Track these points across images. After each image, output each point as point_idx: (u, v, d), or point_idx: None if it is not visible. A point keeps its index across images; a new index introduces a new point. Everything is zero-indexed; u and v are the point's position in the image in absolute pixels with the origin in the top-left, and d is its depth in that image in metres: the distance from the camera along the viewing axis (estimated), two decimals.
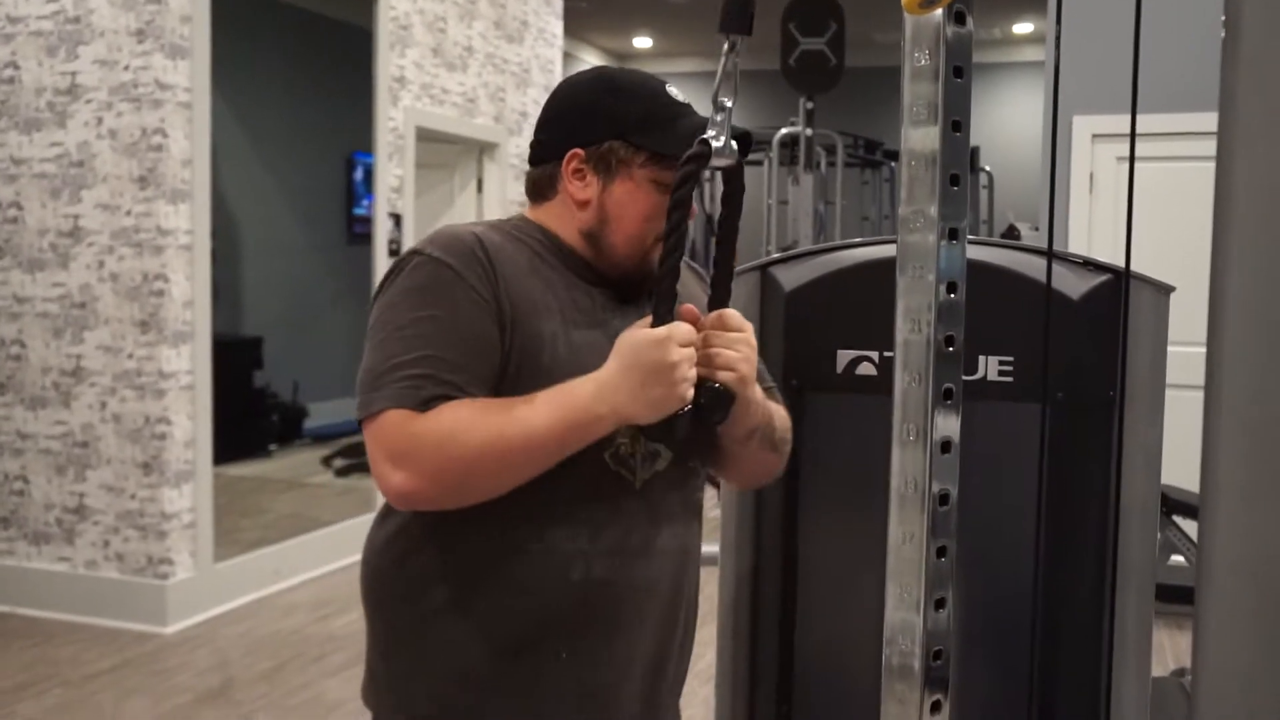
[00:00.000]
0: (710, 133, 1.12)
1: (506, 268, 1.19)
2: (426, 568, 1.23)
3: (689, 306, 1.18)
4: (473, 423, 1.11)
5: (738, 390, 1.17)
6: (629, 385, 1.10)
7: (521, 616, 1.20)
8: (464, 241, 1.19)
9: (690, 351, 1.12)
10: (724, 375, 1.16)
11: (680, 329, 1.12)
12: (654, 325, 1.12)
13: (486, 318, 1.16)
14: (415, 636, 1.24)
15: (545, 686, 1.21)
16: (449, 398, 1.13)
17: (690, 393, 1.13)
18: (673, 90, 1.25)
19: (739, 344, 1.17)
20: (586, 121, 1.23)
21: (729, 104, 1.12)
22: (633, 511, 1.22)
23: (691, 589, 1.33)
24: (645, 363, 1.10)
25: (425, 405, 1.12)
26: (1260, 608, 0.69)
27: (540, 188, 1.29)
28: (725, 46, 1.11)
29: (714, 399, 1.16)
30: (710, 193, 6.71)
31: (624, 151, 1.21)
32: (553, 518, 1.18)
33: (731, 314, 1.19)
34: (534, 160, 1.30)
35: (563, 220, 1.26)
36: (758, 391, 1.24)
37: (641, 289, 1.25)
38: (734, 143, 1.14)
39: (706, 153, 1.11)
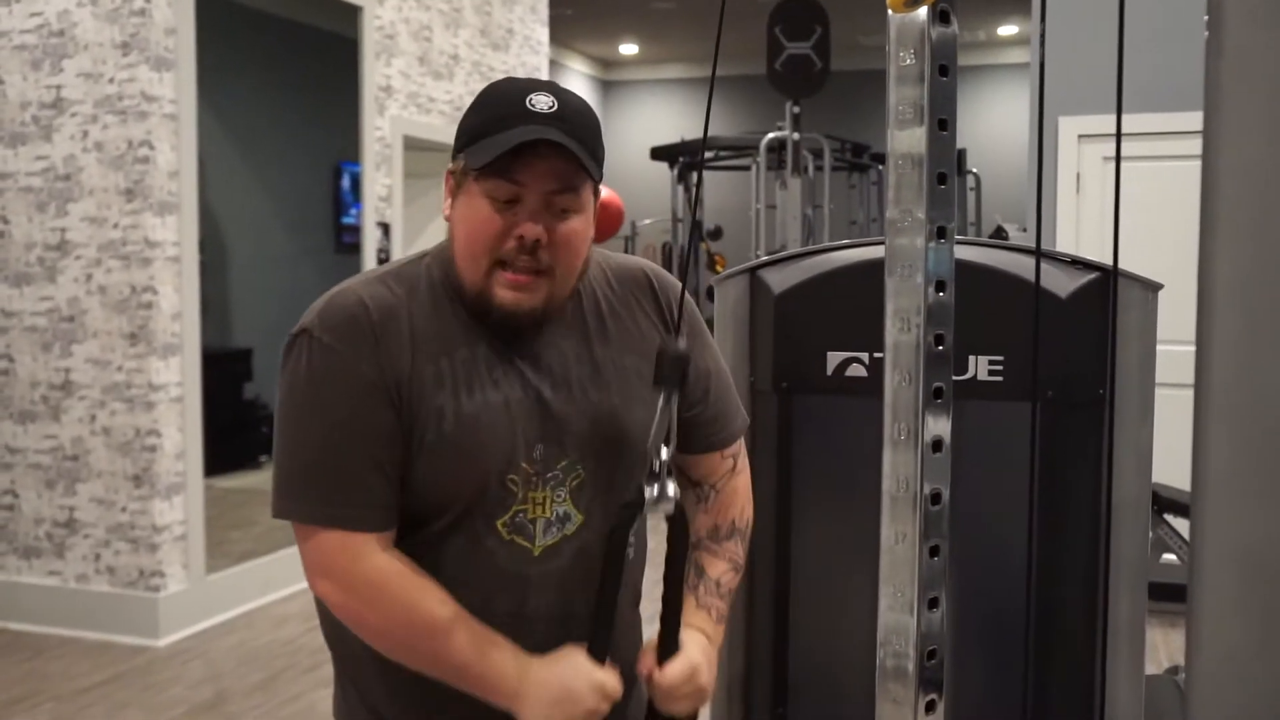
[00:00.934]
0: (647, 487, 1.11)
1: (394, 340, 1.15)
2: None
3: (646, 667, 1.21)
4: (408, 612, 1.15)
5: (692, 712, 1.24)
6: (541, 695, 1.14)
7: (415, 675, 1.20)
8: (352, 316, 1.15)
9: (606, 707, 1.16)
10: (679, 713, 1.22)
11: (610, 683, 1.16)
12: (590, 654, 1.17)
13: (382, 404, 1.14)
14: (342, 667, 1.30)
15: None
16: (373, 519, 1.15)
17: None
18: (537, 99, 1.13)
19: (693, 695, 1.22)
20: (456, 136, 1.19)
21: (665, 456, 1.11)
22: (531, 576, 1.20)
23: (624, 650, 1.27)
24: (568, 690, 1.14)
25: (358, 529, 1.15)
26: (1253, 601, 0.69)
27: None
28: (660, 401, 1.10)
29: None
30: (699, 196, 6.70)
31: (462, 165, 1.16)
32: (447, 580, 1.17)
33: (673, 673, 1.20)
34: None
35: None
36: (711, 660, 1.26)
37: (507, 325, 1.17)
38: (672, 490, 1.12)
39: (640, 501, 1.12)
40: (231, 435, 4.50)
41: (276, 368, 1.23)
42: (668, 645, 1.21)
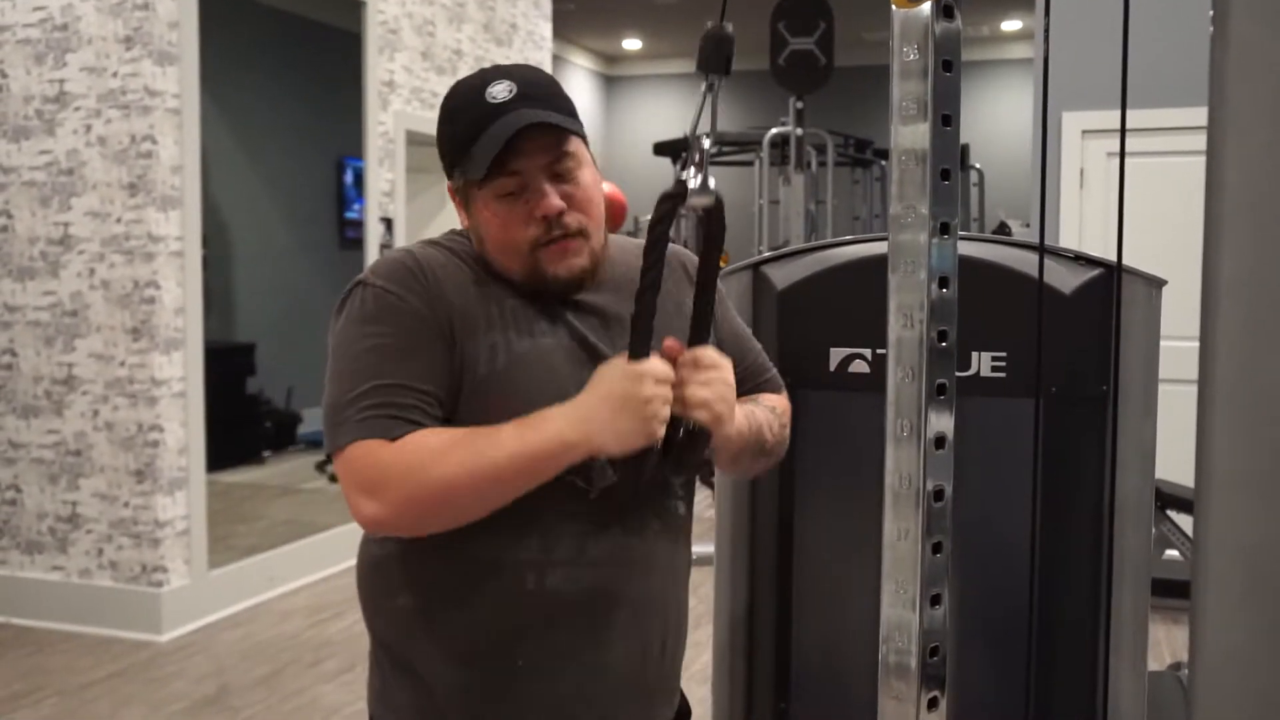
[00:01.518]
0: (688, 172, 1.11)
1: (446, 284, 1.20)
2: (395, 581, 1.25)
3: (671, 342, 1.16)
4: (444, 452, 1.12)
5: (714, 429, 1.17)
6: (601, 415, 1.11)
7: (478, 628, 1.21)
8: (403, 265, 1.21)
9: (665, 390, 1.12)
10: (699, 414, 1.15)
11: (656, 366, 1.12)
12: (630, 359, 1.12)
13: (434, 336, 1.17)
14: (392, 646, 1.27)
15: (511, 698, 1.22)
16: (413, 424, 1.14)
17: (661, 431, 1.13)
18: (495, 90, 1.20)
19: (715, 382, 1.16)
20: (441, 157, 1.27)
21: (707, 144, 1.11)
22: (590, 519, 1.21)
23: (669, 598, 1.30)
24: (618, 394, 1.10)
25: (390, 434, 1.13)
26: (1256, 597, 0.69)
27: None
28: (703, 86, 1.11)
29: (689, 440, 1.17)
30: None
31: (462, 181, 1.24)
32: (503, 526, 1.17)
33: (706, 353, 1.18)
34: None
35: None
36: (740, 419, 1.24)
37: (567, 294, 1.24)
38: (712, 182, 1.12)
39: (682, 192, 1.11)
40: (234, 430, 4.50)
41: (277, 363, 1.25)
42: (698, 338, 1.19)
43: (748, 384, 1.36)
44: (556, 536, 1.20)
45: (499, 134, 1.17)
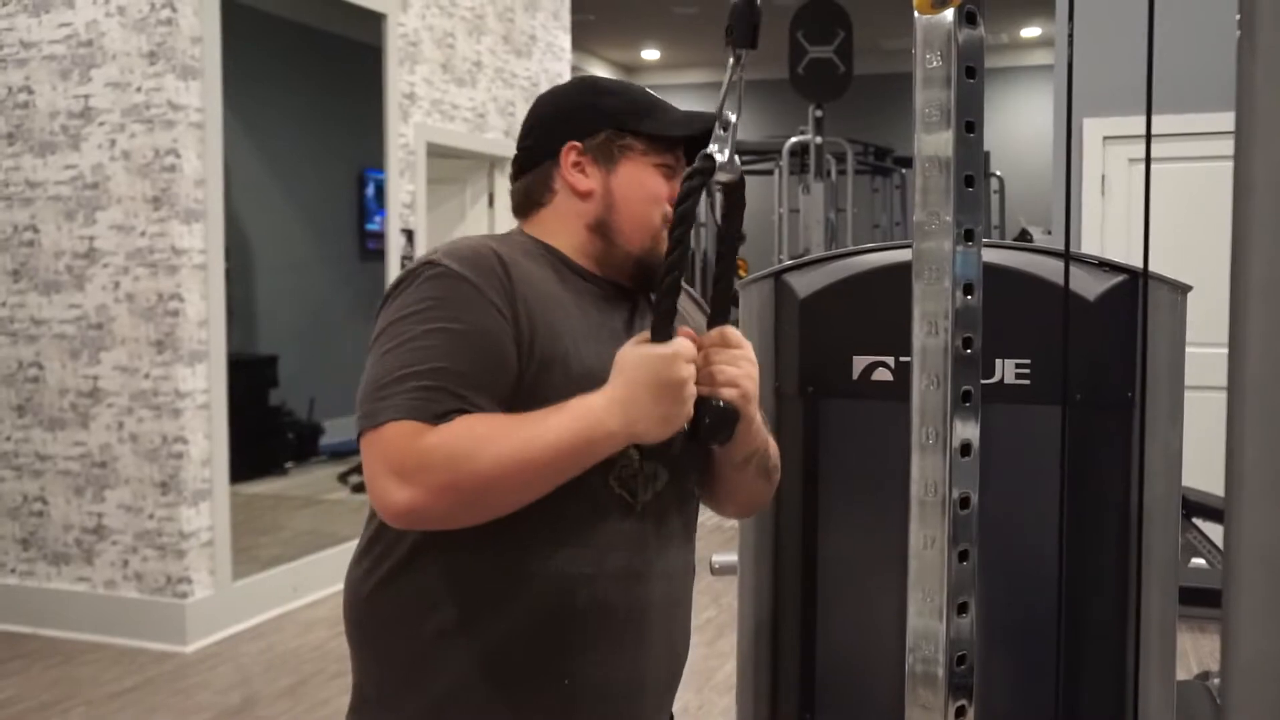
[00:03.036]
0: (713, 147, 1.11)
1: (524, 285, 1.16)
2: (422, 595, 1.18)
3: (686, 328, 1.16)
4: (488, 437, 1.07)
5: (742, 408, 1.16)
6: (639, 401, 1.08)
7: (524, 640, 1.17)
8: (483, 255, 1.15)
9: (694, 368, 1.12)
10: (728, 393, 1.14)
11: (685, 345, 1.11)
12: (654, 341, 1.11)
13: (505, 335, 1.13)
14: (411, 665, 1.19)
15: (547, 712, 1.18)
16: (462, 412, 1.08)
17: (692, 410, 1.12)
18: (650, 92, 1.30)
19: (741, 360, 1.16)
20: (578, 118, 1.25)
21: (734, 118, 1.11)
22: (635, 533, 1.20)
23: (688, 610, 1.31)
24: (654, 379, 1.08)
25: (437, 419, 1.07)
26: None
27: (533, 195, 1.27)
28: (731, 60, 1.11)
29: (719, 418, 1.15)
30: (721, 204, 6.70)
31: (621, 138, 1.24)
32: (557, 541, 1.15)
33: (732, 331, 1.18)
34: (522, 169, 1.28)
35: (563, 224, 1.25)
36: (758, 412, 1.24)
37: (647, 291, 1.24)
38: (737, 158, 1.13)
39: (711, 167, 1.10)
40: (257, 441, 4.53)
41: (300, 374, 1.23)
42: (720, 317, 1.19)
43: None
44: (606, 551, 1.18)
45: (696, 116, 1.23)
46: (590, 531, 1.17)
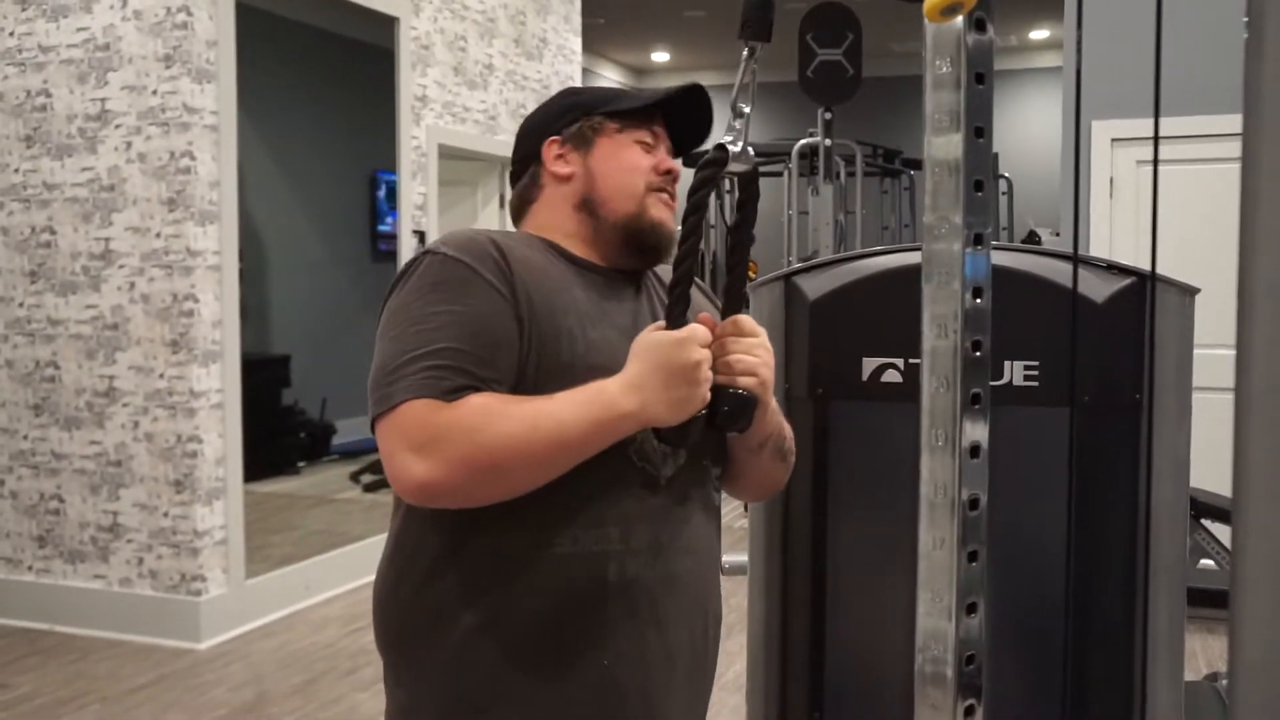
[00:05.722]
0: (728, 138, 1.13)
1: (521, 266, 1.19)
2: (452, 588, 1.19)
3: (705, 316, 1.18)
4: (503, 412, 1.09)
5: (759, 395, 1.18)
6: (653, 385, 1.11)
7: (560, 622, 1.18)
8: (478, 242, 1.19)
9: (708, 353, 1.14)
10: (745, 380, 1.17)
11: (699, 330, 1.13)
12: (669, 328, 1.13)
13: (505, 314, 1.15)
14: (446, 660, 1.19)
15: (589, 692, 1.18)
16: (474, 389, 1.11)
17: (708, 395, 1.14)
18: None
19: (757, 349, 1.18)
20: (554, 117, 1.33)
21: (747, 110, 1.13)
22: (659, 507, 1.22)
23: (715, 587, 1.33)
24: (668, 363, 1.11)
25: (450, 395, 1.09)
26: None
27: (525, 195, 1.34)
28: (745, 53, 1.13)
29: (737, 405, 1.16)
30: (732, 204, 6.72)
31: (597, 123, 1.30)
32: (583, 518, 1.16)
33: (747, 320, 1.20)
34: (515, 177, 1.36)
35: (552, 212, 1.30)
36: (773, 398, 1.26)
37: (641, 261, 1.29)
38: (750, 149, 1.15)
39: (724, 158, 1.12)
40: (271, 441, 4.56)
41: (312, 374, 1.25)
42: (733, 306, 1.21)
43: None
44: (632, 525, 1.19)
45: (665, 91, 1.30)
46: (614, 507, 1.18)
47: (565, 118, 1.32)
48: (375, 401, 1.13)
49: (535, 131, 1.33)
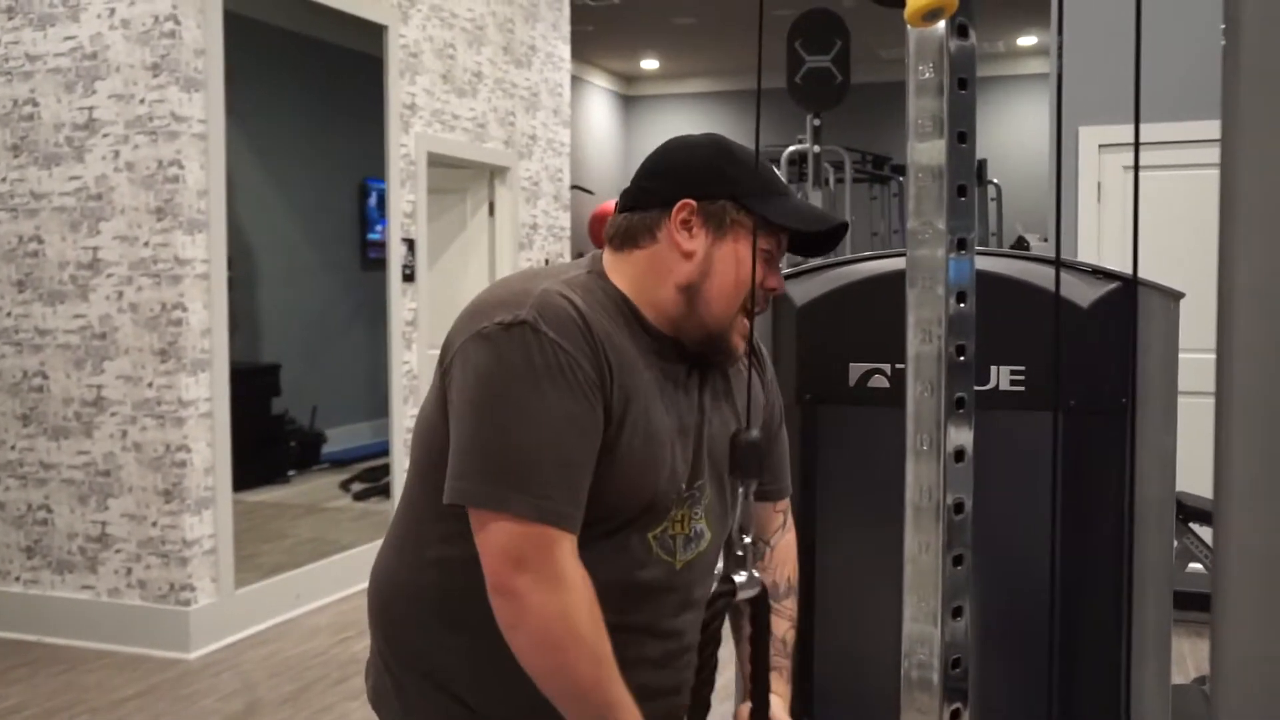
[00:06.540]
0: (737, 574, 1.13)
1: (608, 348, 1.18)
2: (466, 608, 1.21)
3: (743, 710, 1.26)
4: (601, 655, 1.14)
5: None
6: None
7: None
8: (572, 320, 1.16)
9: None
10: None
11: None
12: (690, 716, 1.17)
13: (599, 409, 1.16)
14: (446, 663, 1.25)
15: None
16: (572, 519, 1.13)
17: None
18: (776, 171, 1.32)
19: None
20: (701, 177, 1.25)
21: (748, 539, 1.13)
22: (666, 592, 1.25)
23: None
24: None
25: (563, 527, 1.13)
26: (1277, 608, 0.70)
27: (634, 234, 1.26)
28: (741, 490, 1.12)
29: None
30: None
31: (737, 212, 1.24)
32: (615, 599, 1.19)
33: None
34: (633, 205, 1.28)
35: (653, 275, 1.25)
36: (782, 689, 1.35)
37: (703, 358, 1.28)
38: (755, 573, 1.15)
39: (732, 590, 1.13)
40: (260, 450, 4.54)
41: (302, 383, 1.25)
42: (760, 715, 1.25)
43: (759, 488, 1.34)
44: (656, 608, 1.25)
45: (814, 213, 1.27)
46: (616, 584, 1.21)
47: (711, 185, 1.24)
48: (484, 485, 1.13)
49: (676, 178, 1.26)
